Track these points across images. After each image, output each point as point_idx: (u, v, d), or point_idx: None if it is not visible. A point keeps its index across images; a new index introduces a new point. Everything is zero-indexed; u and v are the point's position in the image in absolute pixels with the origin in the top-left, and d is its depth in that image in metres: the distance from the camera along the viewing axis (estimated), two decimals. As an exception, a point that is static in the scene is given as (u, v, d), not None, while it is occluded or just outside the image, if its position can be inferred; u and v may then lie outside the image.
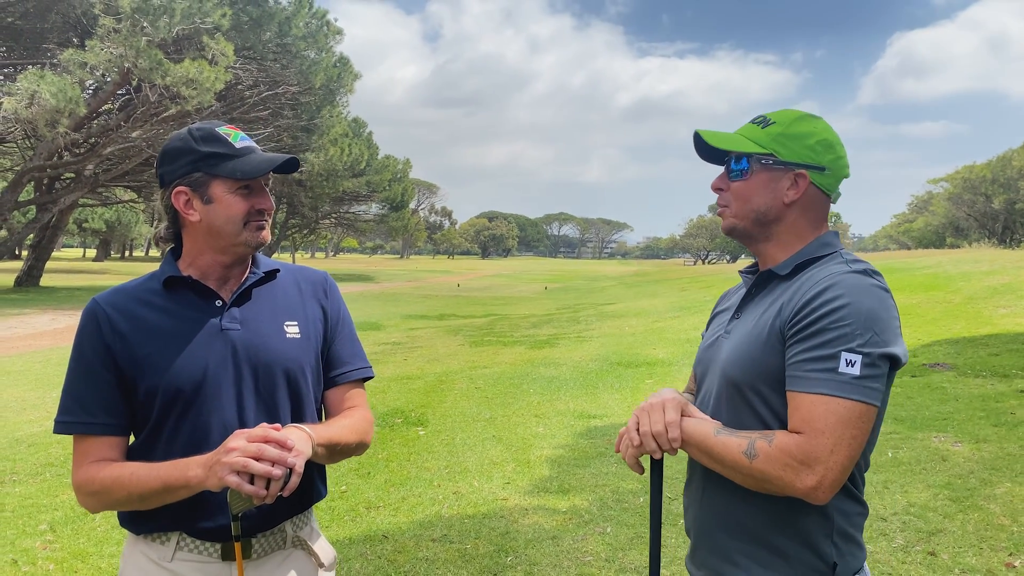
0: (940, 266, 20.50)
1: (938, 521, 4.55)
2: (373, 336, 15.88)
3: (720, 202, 1.66)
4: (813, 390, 1.39)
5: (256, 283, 1.76)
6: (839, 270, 1.49)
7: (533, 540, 4.49)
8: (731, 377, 1.56)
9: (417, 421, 7.53)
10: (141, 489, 1.56)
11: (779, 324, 1.49)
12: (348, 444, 1.72)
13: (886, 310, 1.43)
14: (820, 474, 1.36)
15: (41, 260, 31.28)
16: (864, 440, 1.40)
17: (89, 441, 1.64)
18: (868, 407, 1.38)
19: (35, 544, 4.52)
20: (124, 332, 1.64)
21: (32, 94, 19.74)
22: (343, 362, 1.84)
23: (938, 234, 70.56)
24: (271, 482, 1.44)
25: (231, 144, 1.66)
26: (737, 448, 1.44)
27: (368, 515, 4.98)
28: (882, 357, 1.39)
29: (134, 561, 1.70)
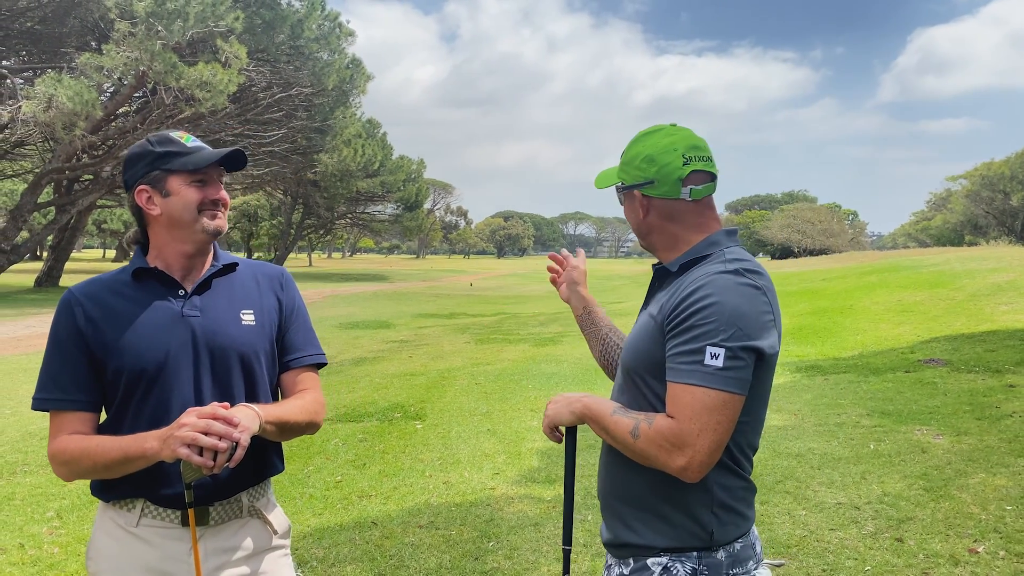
0: (947, 263, 20.46)
1: (909, 509, 4.68)
2: (382, 334, 16.11)
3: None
4: (683, 380, 1.55)
5: (216, 274, 1.95)
6: (714, 270, 1.63)
7: (516, 527, 4.67)
8: (627, 364, 1.74)
9: (416, 415, 7.72)
10: (105, 459, 1.75)
11: (660, 319, 1.65)
12: (298, 423, 1.91)
13: (752, 306, 1.57)
14: (689, 456, 1.52)
15: (61, 261, 31.81)
16: (730, 425, 1.54)
17: (63, 416, 1.83)
18: (731, 395, 1.52)
19: (42, 530, 4.75)
20: (95, 318, 1.84)
21: (50, 98, 20.15)
22: (296, 348, 2.03)
23: (956, 232, 69.95)
24: (218, 454, 1.63)
25: (183, 144, 1.87)
26: (625, 428, 1.62)
27: (360, 503, 5.17)
28: (745, 350, 1.53)
29: (103, 526, 1.90)
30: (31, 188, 25.67)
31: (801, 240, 66.83)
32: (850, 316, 13.53)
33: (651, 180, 1.74)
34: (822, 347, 11.26)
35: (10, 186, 45.74)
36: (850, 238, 71.25)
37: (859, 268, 25.43)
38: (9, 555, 4.36)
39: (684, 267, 1.72)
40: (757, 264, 1.68)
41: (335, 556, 4.30)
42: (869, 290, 17.29)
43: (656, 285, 1.83)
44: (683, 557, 1.63)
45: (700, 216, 1.76)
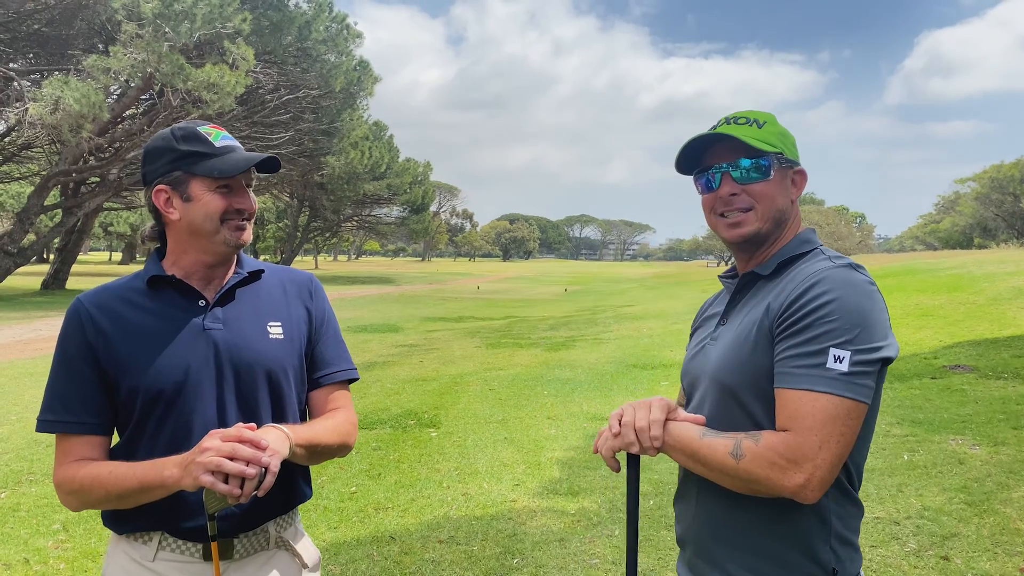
0: (964, 267, 20.19)
1: (952, 525, 4.47)
2: (391, 338, 15.92)
3: (737, 207, 1.58)
4: (800, 386, 1.37)
5: (240, 283, 1.76)
6: (825, 266, 1.47)
7: (540, 542, 4.47)
8: (723, 382, 1.53)
9: (430, 423, 7.53)
10: (119, 488, 1.57)
11: (768, 323, 1.47)
12: (329, 445, 1.72)
13: (874, 305, 1.41)
14: (808, 472, 1.33)
15: (67, 263, 31.74)
16: (853, 437, 1.37)
17: (71, 440, 1.65)
18: (857, 404, 1.35)
19: (48, 544, 4.57)
20: (107, 331, 1.65)
21: (57, 100, 20.04)
22: (327, 363, 1.84)
23: (965, 234, 69.57)
24: (245, 481, 1.44)
25: (211, 143, 1.67)
26: (724, 449, 1.41)
27: (377, 516, 4.98)
28: (871, 352, 1.36)
29: (117, 561, 1.70)
30: (38, 191, 25.58)
31: (809, 243, 66.39)
32: (867, 320, 13.27)
33: (799, 164, 1.62)
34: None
35: (17, 188, 45.75)
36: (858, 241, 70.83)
37: (873, 271, 25.07)
38: (13, 571, 4.19)
39: (780, 267, 1.56)
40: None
41: (352, 573, 4.11)
42: (886, 293, 16.80)
43: (739, 296, 1.64)
44: None
45: (798, 213, 1.65)
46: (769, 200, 1.57)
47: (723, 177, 1.59)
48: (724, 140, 1.58)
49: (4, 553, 4.41)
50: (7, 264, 25.95)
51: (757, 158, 1.55)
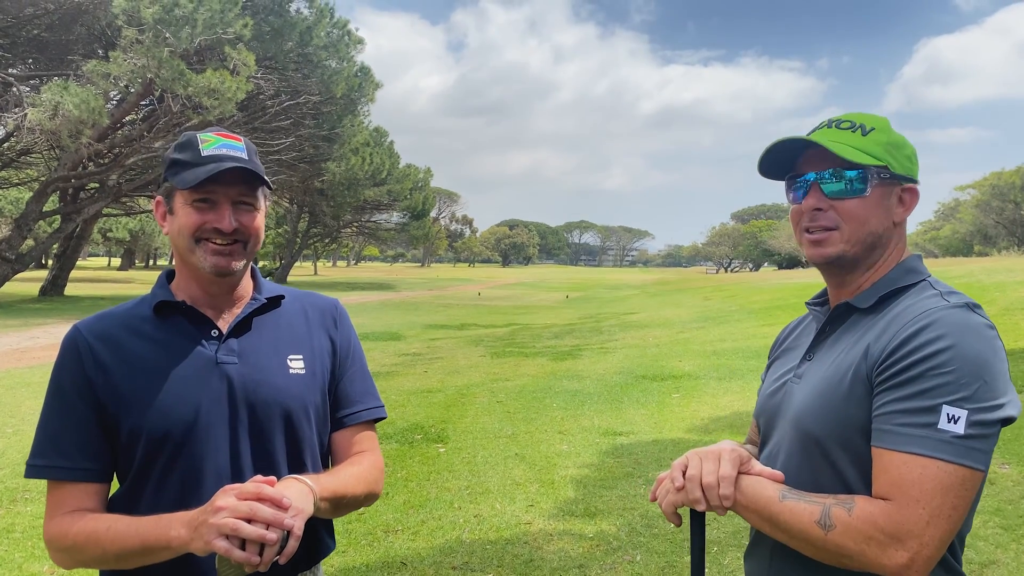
0: (972, 275, 20.01)
1: (990, 551, 4.27)
2: (393, 347, 15.72)
3: (821, 224, 1.39)
4: (907, 448, 1.17)
5: (258, 311, 1.57)
6: (936, 305, 1.26)
7: (559, 569, 4.27)
8: (807, 430, 1.34)
9: (437, 438, 7.33)
10: (117, 548, 1.38)
11: (865, 369, 1.27)
12: (356, 496, 1.54)
13: (995, 355, 1.21)
14: (913, 550, 1.14)
15: (66, 269, 31.52)
16: (966, 510, 1.17)
17: (64, 488, 1.46)
18: (973, 472, 1.16)
19: (43, 569, 4.37)
20: (107, 364, 1.46)
21: (56, 105, 19.86)
22: (353, 401, 1.65)
23: (965, 242, 69.44)
24: (265, 547, 1.25)
25: (198, 151, 1.48)
26: (809, 517, 1.22)
27: (386, 539, 4.78)
28: (991, 411, 1.17)
29: None
30: (36, 196, 25.38)
31: (809, 250, 66.38)
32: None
33: (916, 180, 1.40)
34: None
35: (15, 194, 45.57)
36: (859, 248, 70.69)
37: (876, 279, 24.97)
38: (7, 599, 3.98)
39: (881, 300, 1.36)
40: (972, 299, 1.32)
41: (363, 603, 3.91)
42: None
43: (830, 329, 1.44)
44: None
45: (904, 236, 1.42)
46: (860, 221, 1.36)
47: (811, 188, 1.39)
48: (817, 147, 1.38)
49: (-3, 579, 4.22)
50: (5, 270, 25.73)
51: (852, 170, 1.35)
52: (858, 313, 1.39)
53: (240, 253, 1.51)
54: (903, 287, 1.36)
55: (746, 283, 39.29)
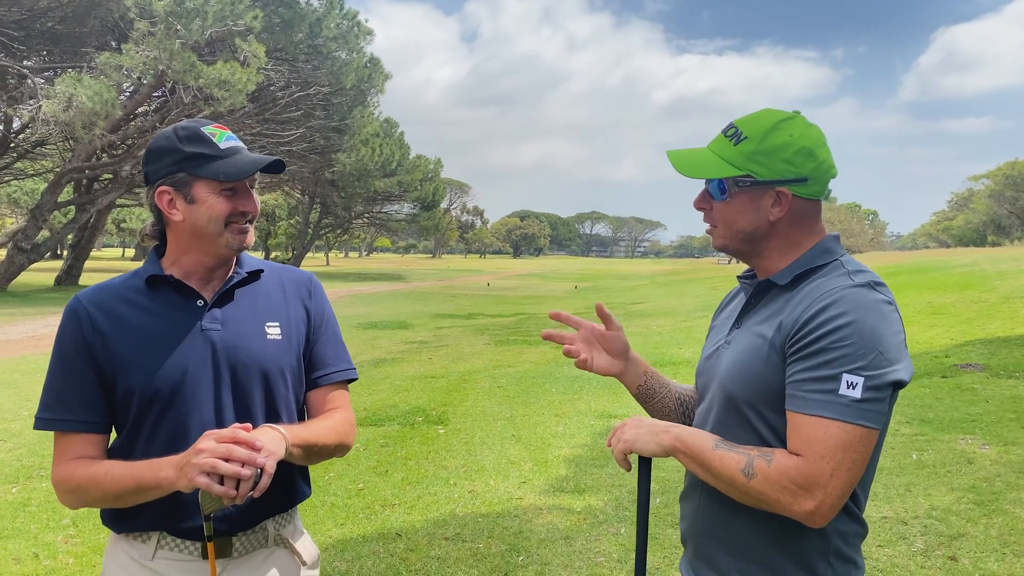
0: (976, 264, 20.04)
1: (960, 525, 4.45)
2: (400, 335, 15.96)
3: (706, 219, 1.61)
4: (812, 412, 1.36)
5: (239, 283, 1.76)
6: (842, 284, 1.43)
7: (546, 540, 4.48)
8: (730, 392, 1.53)
9: (438, 420, 7.55)
10: (115, 488, 1.58)
11: (779, 340, 1.44)
12: (326, 445, 1.72)
13: (891, 327, 1.38)
14: (819, 499, 1.34)
15: (80, 259, 31.95)
16: (864, 463, 1.36)
17: (69, 438, 1.66)
18: (869, 431, 1.34)
19: (57, 539, 4.61)
20: (104, 330, 1.65)
21: (70, 97, 20.18)
22: (326, 364, 1.84)
23: (979, 232, 69.10)
24: (241, 482, 1.44)
25: (216, 144, 1.66)
26: (736, 465, 1.41)
27: (383, 513, 5.00)
28: (884, 376, 1.34)
29: (116, 560, 1.72)
30: (51, 187, 25.76)
31: (821, 240, 66.10)
32: (878, 318, 13.20)
33: (805, 178, 1.50)
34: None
35: (31, 185, 46.11)
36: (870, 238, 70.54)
37: (884, 269, 25.02)
38: (23, 565, 4.22)
39: (797, 279, 1.51)
40: (877, 275, 1.48)
41: (358, 569, 4.13)
42: (896, 292, 16.80)
43: (755, 302, 1.60)
44: None
45: (816, 218, 1.56)
46: (728, 222, 1.56)
47: (703, 191, 1.59)
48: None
49: (14, 547, 4.45)
50: (21, 260, 26.15)
51: (715, 180, 1.54)
52: (777, 288, 1.54)
53: (252, 229, 1.73)
54: (817, 266, 1.51)
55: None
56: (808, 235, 1.54)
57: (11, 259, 26.31)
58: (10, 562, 4.25)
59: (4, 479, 5.78)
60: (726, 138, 1.56)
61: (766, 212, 1.52)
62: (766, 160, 1.51)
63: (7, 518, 4.93)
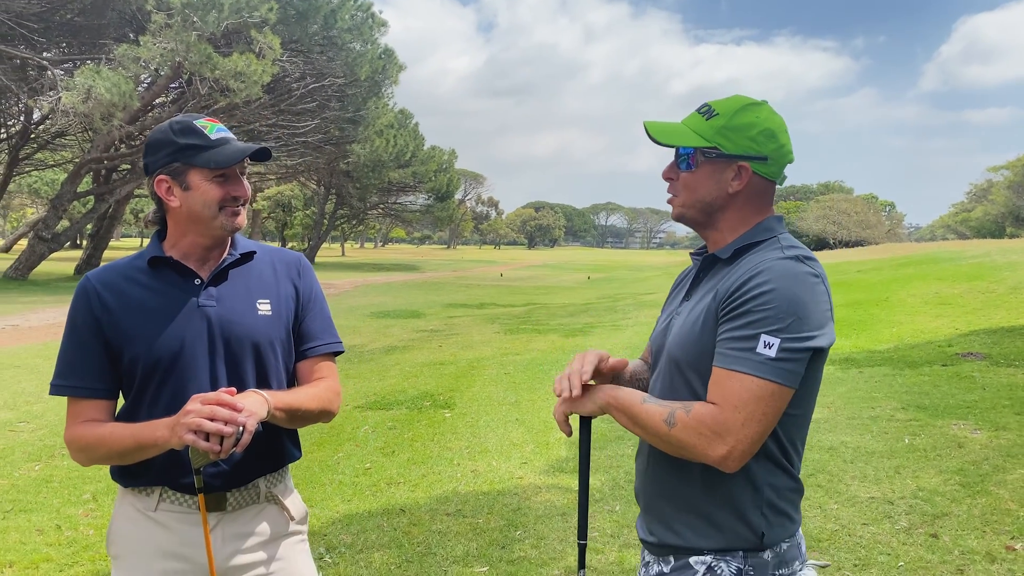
0: (988, 255, 20.00)
1: (944, 505, 4.59)
2: (412, 323, 16.18)
3: (669, 190, 1.73)
4: (731, 367, 1.49)
5: (233, 264, 1.94)
6: (772, 256, 1.56)
7: (543, 516, 4.66)
8: (673, 356, 1.65)
9: (444, 404, 7.75)
10: (118, 447, 1.78)
11: (715, 307, 1.57)
12: (309, 410, 1.90)
13: (812, 297, 1.50)
14: (730, 444, 1.46)
15: (100, 249, 32.40)
16: (775, 417, 1.49)
17: (80, 403, 1.85)
18: (781, 387, 1.47)
19: (78, 512, 4.85)
20: (111, 306, 1.84)
21: (88, 89, 20.49)
22: (313, 336, 2.01)
23: (997, 223, 68.40)
24: (224, 439, 1.63)
25: (207, 136, 1.84)
26: (659, 416, 1.54)
27: (388, 490, 5.20)
28: (800, 341, 1.47)
29: (123, 511, 1.92)
30: (71, 178, 26.16)
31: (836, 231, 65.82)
32: (886, 308, 13.30)
33: (765, 156, 1.64)
34: (856, 340, 11.09)
35: (51, 175, 46.70)
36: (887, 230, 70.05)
37: (895, 260, 25.00)
38: (46, 536, 4.46)
39: (737, 253, 1.65)
40: (811, 252, 1.61)
41: (363, 542, 4.33)
42: (906, 282, 16.98)
43: (701, 275, 1.74)
44: (728, 556, 1.58)
45: (767, 200, 1.70)
46: (690, 190, 1.68)
47: (671, 162, 1.73)
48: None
49: (38, 520, 4.69)
50: (42, 249, 26.60)
51: (684, 149, 1.68)
52: (721, 263, 1.67)
53: (244, 212, 1.92)
54: (756, 242, 1.63)
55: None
56: (757, 214, 1.68)
57: (32, 248, 26.77)
58: (34, 533, 4.49)
59: (28, 457, 6.04)
60: (699, 114, 1.70)
61: (726, 184, 1.65)
62: (733, 135, 1.64)
63: (31, 493, 5.18)
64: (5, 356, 10.88)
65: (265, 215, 67.12)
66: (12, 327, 14.45)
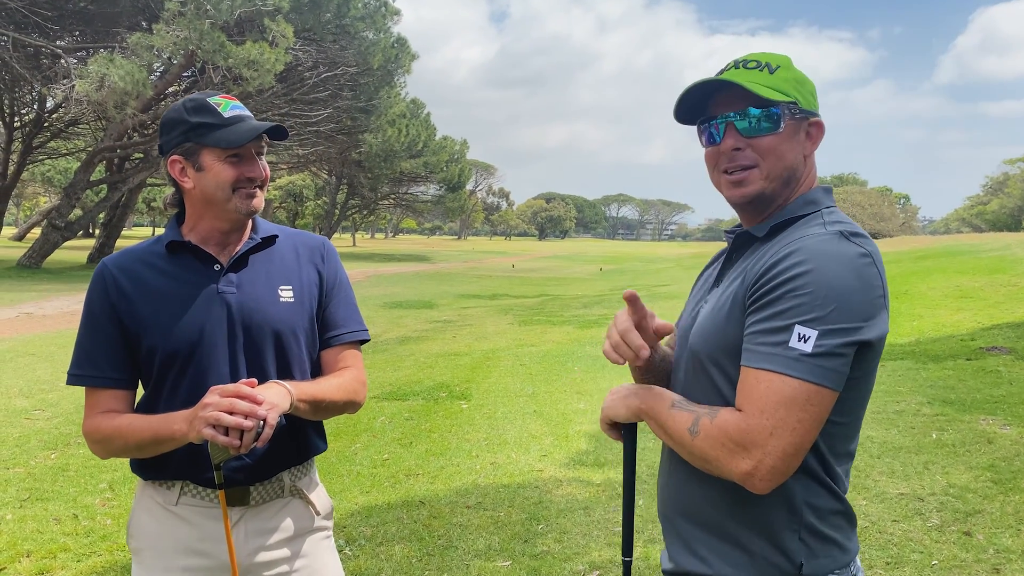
0: (1008, 248, 19.77)
1: (977, 502, 4.48)
2: (425, 314, 16.12)
3: (740, 164, 1.41)
4: (758, 364, 1.25)
5: (254, 248, 1.85)
6: (812, 232, 1.32)
7: (565, 510, 4.58)
8: (693, 348, 1.43)
9: (461, 395, 7.68)
10: (136, 439, 1.70)
11: (741, 293, 1.34)
12: (334, 401, 1.81)
13: (859, 281, 1.25)
14: (756, 459, 1.22)
15: (112, 237, 32.50)
16: (814, 425, 1.23)
17: (98, 393, 1.77)
18: (819, 389, 1.21)
19: (95, 501, 4.80)
20: (128, 293, 1.76)
21: (102, 77, 20.47)
22: (337, 324, 1.92)
23: (1013, 216, 67.83)
24: (244, 433, 1.54)
25: (219, 113, 1.74)
26: (684, 423, 1.33)
27: (407, 482, 5.13)
28: (844, 334, 1.22)
29: (143, 504, 1.84)
30: (84, 166, 26.19)
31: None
32: (906, 301, 13.13)
33: (817, 114, 1.44)
34: (876, 333, 10.94)
35: (64, 164, 46.84)
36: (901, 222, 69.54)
37: (913, 252, 24.75)
38: (63, 525, 4.41)
39: (775, 230, 1.40)
40: (861, 229, 1.35)
41: (383, 535, 4.26)
42: (925, 275, 16.78)
43: (734, 256, 1.49)
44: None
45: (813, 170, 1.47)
46: (777, 156, 1.39)
47: (727, 128, 1.41)
48: (729, 88, 1.41)
49: (55, 509, 4.65)
50: (55, 238, 26.67)
51: (766, 107, 1.38)
52: (757, 241, 1.42)
53: (261, 193, 1.82)
54: (797, 217, 1.39)
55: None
56: (801, 184, 1.45)
57: (45, 237, 26.85)
58: (50, 522, 4.44)
59: (44, 445, 6.01)
60: (754, 70, 1.42)
61: (803, 147, 1.43)
62: (803, 90, 1.43)
63: (47, 481, 5.14)
64: (20, 344, 10.88)
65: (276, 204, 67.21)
66: (26, 315, 14.47)
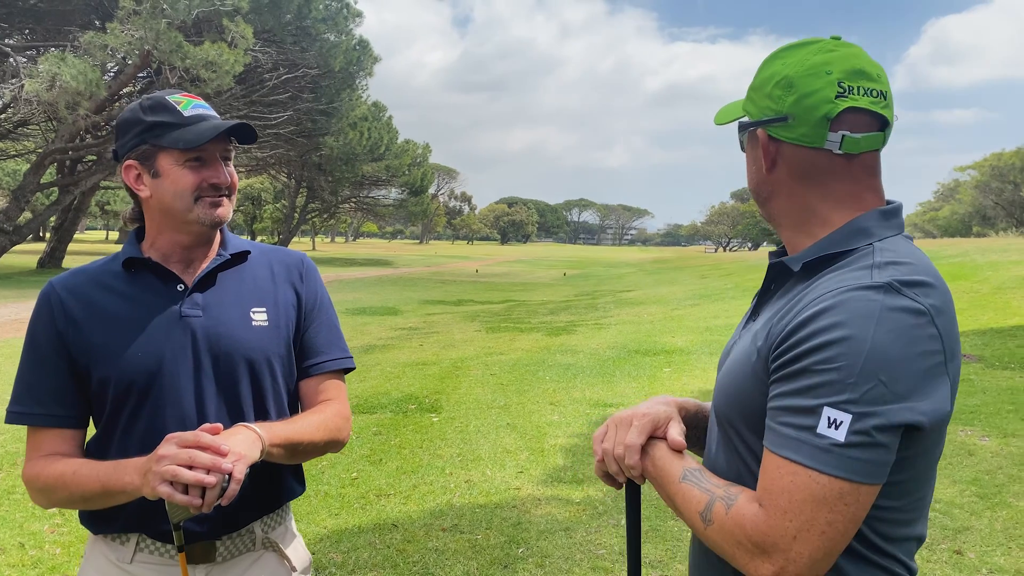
0: (967, 255, 20.11)
1: (964, 518, 4.40)
2: (390, 321, 15.83)
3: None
4: (782, 452, 1.04)
5: (222, 266, 1.63)
6: (852, 280, 1.06)
7: (546, 531, 4.39)
8: (718, 410, 1.24)
9: (431, 407, 7.45)
10: (82, 490, 1.47)
11: (765, 349, 1.12)
12: (313, 442, 1.59)
13: (908, 347, 1.00)
14: (778, 565, 1.02)
15: (64, 242, 31.56)
16: (849, 526, 1.02)
17: (41, 433, 1.55)
18: (854, 486, 1.00)
19: (43, 528, 4.49)
20: (77, 318, 1.54)
21: (53, 77, 19.82)
22: (318, 351, 1.70)
23: (964, 223, 69.50)
24: (207, 490, 1.31)
25: (179, 112, 1.52)
26: (695, 506, 1.13)
27: (378, 503, 4.90)
28: (884, 416, 0.99)
29: (93, 562, 1.61)
30: (34, 168, 25.35)
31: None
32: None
33: (784, 116, 1.16)
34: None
35: (13, 166, 45.40)
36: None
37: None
38: (8, 555, 4.11)
39: (810, 268, 1.16)
40: (926, 268, 1.09)
41: (355, 561, 4.03)
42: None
43: (773, 288, 1.26)
44: None
45: (852, 182, 1.17)
46: (750, 177, 1.27)
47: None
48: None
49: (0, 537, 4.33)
50: (3, 242, 25.75)
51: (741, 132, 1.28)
52: (793, 277, 1.20)
53: (229, 202, 1.59)
54: (842, 252, 1.14)
55: (744, 262, 39.36)
56: (836, 205, 1.17)
57: (-7, 241, 25.93)
58: (-6, 552, 4.13)
59: (-13, 466, 5.65)
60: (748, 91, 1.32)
61: (759, 163, 1.22)
62: (755, 96, 1.22)
63: (-9, 507, 4.80)
64: (-36, 354, 10.37)
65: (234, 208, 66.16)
66: (-28, 323, 13.86)
